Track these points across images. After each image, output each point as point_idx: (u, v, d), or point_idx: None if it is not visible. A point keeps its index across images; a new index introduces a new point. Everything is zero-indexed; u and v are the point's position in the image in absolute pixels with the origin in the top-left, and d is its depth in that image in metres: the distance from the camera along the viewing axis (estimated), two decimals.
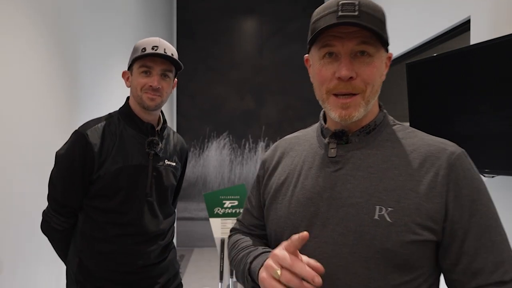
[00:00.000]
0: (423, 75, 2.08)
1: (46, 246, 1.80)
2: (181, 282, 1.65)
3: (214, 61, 5.38)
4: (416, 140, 0.84)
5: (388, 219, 0.76)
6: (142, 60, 1.42)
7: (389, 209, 0.76)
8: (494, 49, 1.63)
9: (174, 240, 5.23)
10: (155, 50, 1.40)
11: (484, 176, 1.76)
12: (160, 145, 1.50)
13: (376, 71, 0.81)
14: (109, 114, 1.52)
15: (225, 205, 2.26)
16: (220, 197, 2.27)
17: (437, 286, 0.82)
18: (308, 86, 5.55)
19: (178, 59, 1.48)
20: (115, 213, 1.43)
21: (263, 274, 0.75)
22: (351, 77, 0.79)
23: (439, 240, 0.77)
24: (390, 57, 0.87)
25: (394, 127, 0.88)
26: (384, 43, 0.80)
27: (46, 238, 1.74)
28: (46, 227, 1.48)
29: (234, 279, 2.17)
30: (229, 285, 2.15)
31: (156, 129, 1.52)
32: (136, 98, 1.46)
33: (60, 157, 1.43)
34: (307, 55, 0.90)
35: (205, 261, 4.78)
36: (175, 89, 5.32)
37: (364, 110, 0.82)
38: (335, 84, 0.80)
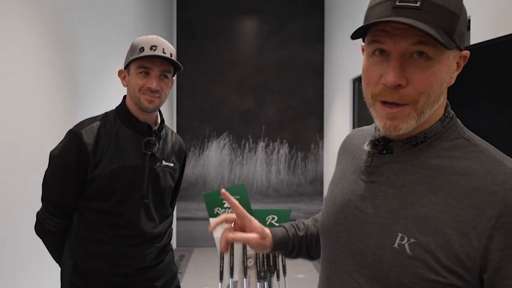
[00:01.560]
0: None
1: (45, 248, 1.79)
2: (179, 285, 1.63)
3: (214, 61, 5.38)
4: (474, 163, 0.66)
5: (408, 251, 0.65)
6: (140, 61, 1.38)
7: (412, 240, 0.65)
8: (494, 49, 1.63)
9: (174, 240, 5.24)
10: (154, 50, 1.36)
11: None
12: (157, 145, 1.47)
13: (434, 78, 0.66)
14: (105, 113, 1.48)
15: (225, 205, 2.26)
16: (220, 197, 2.27)
17: None
18: (308, 86, 5.59)
19: (178, 59, 1.46)
20: (110, 215, 1.40)
21: None
22: (399, 85, 0.66)
23: None
24: (465, 57, 0.71)
25: (454, 142, 0.70)
26: (455, 42, 0.65)
27: None
28: (40, 229, 1.44)
29: (235, 279, 2.17)
30: (229, 285, 2.15)
31: (153, 129, 1.48)
32: (133, 99, 1.42)
33: (54, 157, 1.40)
34: (363, 43, 0.75)
35: (205, 261, 4.78)
36: (175, 89, 5.33)
37: (415, 122, 0.68)
38: (380, 89, 0.68)
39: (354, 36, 0.69)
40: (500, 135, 1.59)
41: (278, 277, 2.20)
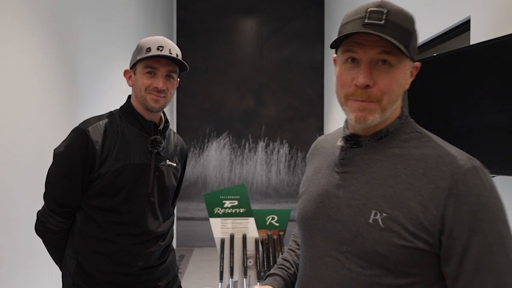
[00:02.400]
0: (422, 75, 2.07)
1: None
2: (180, 285, 1.63)
3: (214, 61, 5.38)
4: (427, 150, 0.83)
5: (381, 224, 0.80)
6: (147, 61, 1.39)
7: (384, 214, 0.80)
8: (494, 49, 1.63)
9: (174, 240, 5.24)
10: (160, 50, 1.38)
11: None
12: (163, 143, 1.48)
13: (394, 81, 0.82)
14: (110, 112, 1.49)
15: (225, 205, 2.26)
16: (220, 197, 2.27)
17: None
18: (308, 86, 5.59)
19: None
20: (116, 213, 1.40)
21: None
22: (368, 85, 0.81)
23: (437, 251, 0.78)
24: (417, 67, 0.88)
25: (410, 135, 0.88)
26: (410, 53, 0.81)
27: None
28: (41, 228, 1.42)
29: (235, 279, 2.17)
30: (229, 285, 2.15)
31: (159, 128, 1.50)
32: (139, 99, 1.43)
33: (60, 154, 1.39)
34: (335, 55, 0.92)
35: (205, 261, 4.78)
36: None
37: (380, 117, 0.84)
38: (353, 90, 0.83)
39: (333, 46, 0.87)
40: (501, 135, 1.59)
41: None
